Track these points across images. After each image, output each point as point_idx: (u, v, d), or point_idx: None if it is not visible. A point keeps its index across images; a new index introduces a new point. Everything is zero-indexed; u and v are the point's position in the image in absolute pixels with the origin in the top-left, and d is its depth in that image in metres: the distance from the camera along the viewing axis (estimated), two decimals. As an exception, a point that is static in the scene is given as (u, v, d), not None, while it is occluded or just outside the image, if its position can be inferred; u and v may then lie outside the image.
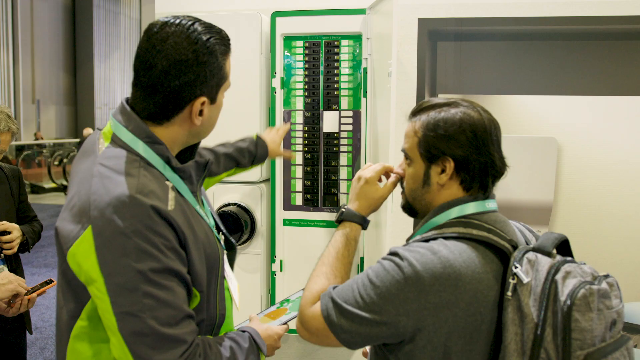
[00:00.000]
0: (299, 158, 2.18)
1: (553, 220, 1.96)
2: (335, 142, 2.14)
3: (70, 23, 16.65)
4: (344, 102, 2.13)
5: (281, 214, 2.20)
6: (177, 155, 1.16)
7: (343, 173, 2.15)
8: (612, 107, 1.96)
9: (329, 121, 2.15)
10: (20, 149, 11.67)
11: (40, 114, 15.18)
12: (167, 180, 1.08)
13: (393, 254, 1.00)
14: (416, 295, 0.94)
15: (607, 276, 0.95)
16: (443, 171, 1.06)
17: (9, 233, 2.05)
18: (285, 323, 1.35)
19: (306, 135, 2.16)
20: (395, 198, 1.61)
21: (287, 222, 2.21)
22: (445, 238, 1.00)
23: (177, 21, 1.07)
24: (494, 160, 1.04)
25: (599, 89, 1.89)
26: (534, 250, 0.96)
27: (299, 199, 2.19)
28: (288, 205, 2.20)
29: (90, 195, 1.01)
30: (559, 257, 0.96)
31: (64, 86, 16.44)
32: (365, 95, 2.10)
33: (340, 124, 2.14)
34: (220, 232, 1.31)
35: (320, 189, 2.16)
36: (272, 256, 2.22)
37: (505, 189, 1.99)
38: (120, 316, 0.98)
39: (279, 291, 2.22)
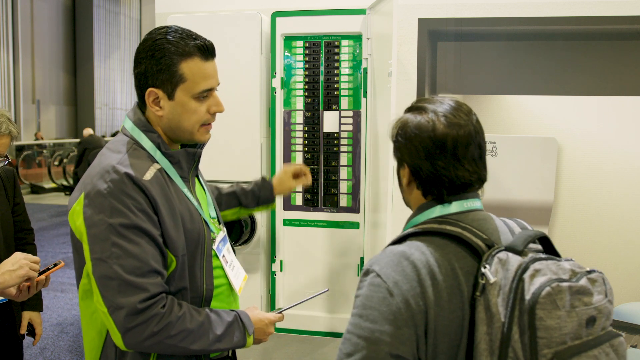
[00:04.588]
0: (299, 158, 2.18)
1: (553, 220, 1.96)
2: (335, 142, 2.14)
3: (70, 23, 16.64)
4: (344, 102, 2.13)
5: (281, 214, 2.20)
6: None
7: (343, 173, 2.15)
8: (612, 107, 1.96)
9: (329, 121, 2.15)
10: (20, 149, 11.67)
11: (40, 114, 15.17)
12: (157, 162, 1.26)
13: (366, 272, 1.00)
14: (404, 303, 0.94)
15: (591, 272, 0.93)
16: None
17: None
18: (281, 312, 1.42)
19: (306, 135, 2.16)
20: (396, 198, 1.61)
21: (287, 222, 2.21)
22: (417, 234, 1.02)
23: (162, 29, 1.26)
24: (442, 173, 1.03)
25: (599, 89, 1.89)
26: (506, 249, 0.96)
27: (299, 199, 2.19)
28: (288, 205, 2.20)
29: (89, 169, 1.25)
30: (531, 255, 0.95)
31: (64, 86, 16.44)
32: (365, 96, 2.10)
33: (340, 124, 2.14)
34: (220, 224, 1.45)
35: (320, 189, 2.16)
36: (272, 256, 2.21)
37: (505, 189, 2.00)
38: (94, 261, 1.16)
39: (279, 291, 2.22)
